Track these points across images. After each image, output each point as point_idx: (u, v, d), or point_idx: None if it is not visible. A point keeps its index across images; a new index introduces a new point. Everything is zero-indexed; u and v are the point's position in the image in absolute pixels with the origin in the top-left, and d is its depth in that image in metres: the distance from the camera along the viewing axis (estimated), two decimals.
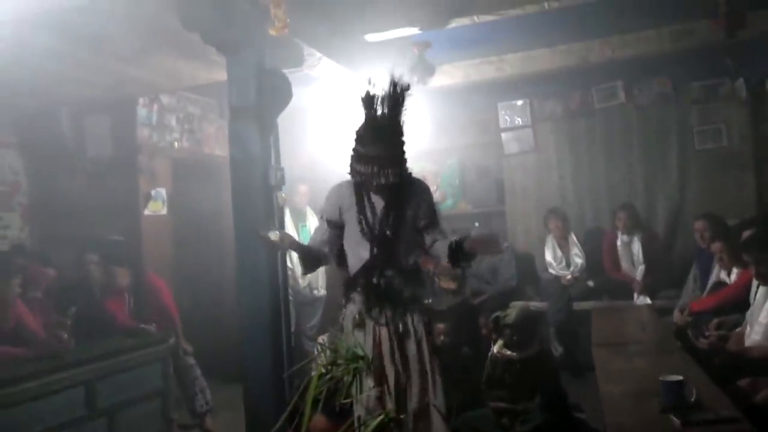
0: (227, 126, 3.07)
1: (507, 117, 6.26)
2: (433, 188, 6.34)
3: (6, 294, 3.58)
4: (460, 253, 2.46)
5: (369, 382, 1.34)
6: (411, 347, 2.51)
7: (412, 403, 2.43)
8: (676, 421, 2.12)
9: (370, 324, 2.48)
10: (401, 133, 2.60)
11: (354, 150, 2.56)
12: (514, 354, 3.95)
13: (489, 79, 5.19)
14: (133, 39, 3.18)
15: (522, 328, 3.96)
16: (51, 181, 4.83)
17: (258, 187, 2.89)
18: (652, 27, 4.62)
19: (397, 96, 2.52)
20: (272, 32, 2.63)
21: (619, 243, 5.45)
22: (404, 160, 2.60)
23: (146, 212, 4.85)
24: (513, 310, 4.09)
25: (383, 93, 2.52)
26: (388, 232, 2.55)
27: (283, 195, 3.02)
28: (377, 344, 2.43)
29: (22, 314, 3.64)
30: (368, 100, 2.53)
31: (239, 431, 3.16)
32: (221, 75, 3.27)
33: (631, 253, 5.40)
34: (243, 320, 2.98)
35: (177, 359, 4.41)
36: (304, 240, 5.29)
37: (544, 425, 3.68)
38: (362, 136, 2.54)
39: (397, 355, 2.43)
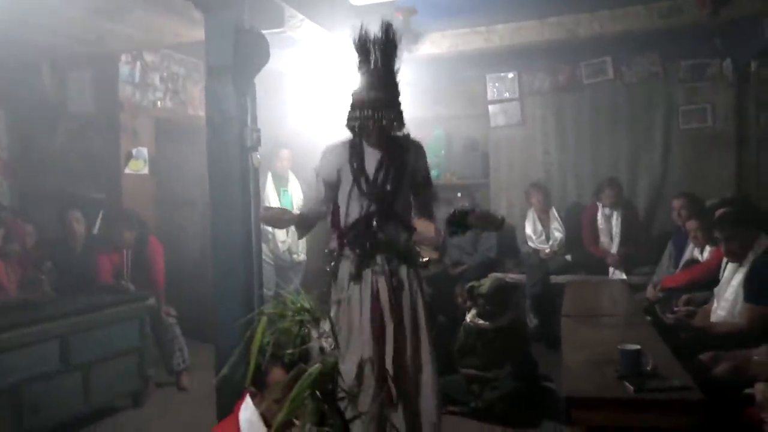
0: None
1: (495, 89, 6.25)
2: None
3: None
4: (460, 223, 2.54)
5: (314, 334, 1.38)
6: (405, 299, 2.56)
7: (407, 355, 2.51)
8: (629, 387, 2.18)
9: (368, 276, 2.54)
10: (395, 78, 2.60)
11: (351, 99, 2.57)
12: (487, 323, 4.02)
13: (477, 49, 5.14)
14: None
15: (495, 299, 4.03)
16: (31, 136, 4.78)
17: (233, 148, 2.88)
18: (641, 2, 4.58)
19: (390, 40, 2.54)
20: None
21: (599, 216, 5.49)
22: (400, 106, 2.61)
23: (127, 171, 4.82)
24: (487, 281, 4.16)
25: (376, 38, 2.53)
26: (387, 186, 2.57)
27: (258, 156, 3.02)
28: (375, 296, 2.52)
29: None
30: (362, 45, 2.54)
31: (213, 390, 3.22)
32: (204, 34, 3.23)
33: (611, 227, 5.45)
34: (216, 281, 3.00)
35: (157, 318, 4.45)
36: (286, 204, 5.38)
37: (512, 393, 3.78)
38: (357, 83, 2.55)
39: (394, 307, 2.51)
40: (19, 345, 3.26)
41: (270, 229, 5.42)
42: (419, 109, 6.09)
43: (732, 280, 3.38)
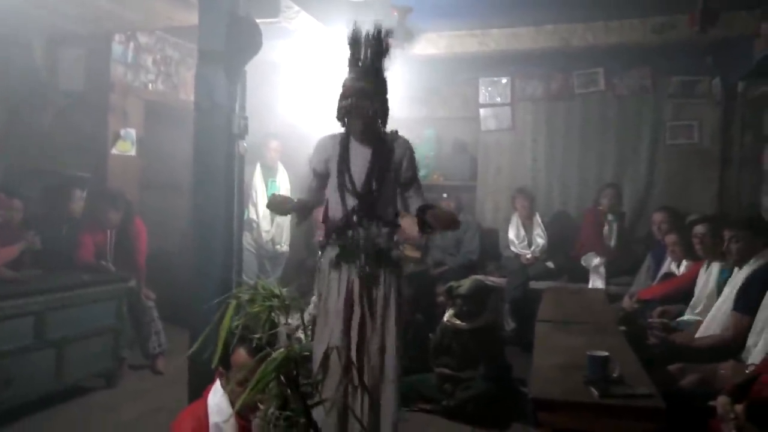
0: None
1: (487, 93, 6.29)
2: None
3: None
4: (422, 221, 2.61)
5: (281, 320, 1.41)
6: (379, 293, 2.62)
7: (372, 346, 2.58)
8: (595, 392, 2.22)
9: (345, 267, 2.62)
10: (383, 74, 2.67)
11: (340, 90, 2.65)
12: (463, 324, 4.06)
13: (472, 52, 5.18)
14: None
15: (472, 300, 4.07)
16: (19, 112, 4.74)
17: (220, 134, 2.89)
18: (636, 16, 4.64)
19: (380, 40, 2.63)
20: None
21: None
22: (386, 101, 2.68)
23: (114, 152, 4.81)
24: (467, 281, 4.19)
25: (368, 36, 2.62)
26: (372, 183, 2.63)
27: (245, 144, 3.03)
28: (349, 288, 2.60)
29: None
30: (354, 41, 2.62)
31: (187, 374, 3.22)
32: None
33: (612, 231, 5.48)
34: (195, 265, 3.00)
35: (135, 300, 4.44)
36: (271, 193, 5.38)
37: (484, 394, 3.81)
38: (347, 75, 2.64)
39: (365, 300, 2.58)
40: None
41: (255, 218, 5.45)
42: (412, 109, 6.16)
43: (724, 289, 3.41)
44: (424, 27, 4.79)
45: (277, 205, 2.84)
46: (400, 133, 2.79)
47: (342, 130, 2.74)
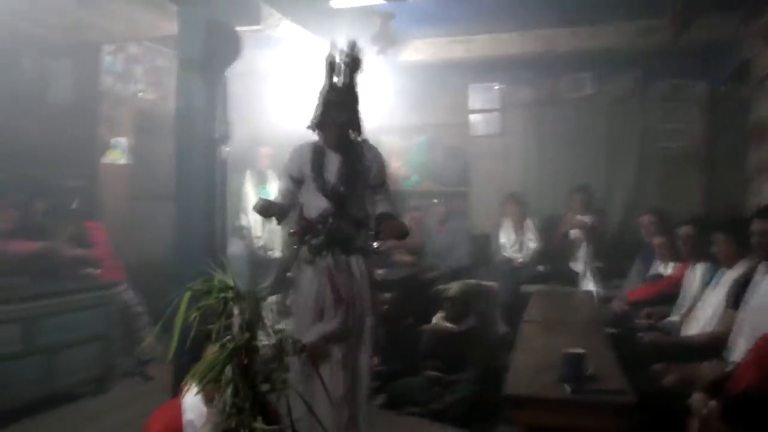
0: None
1: (477, 99, 6.32)
2: (399, 164, 6.50)
3: None
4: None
5: (235, 311, 1.45)
6: (354, 285, 2.83)
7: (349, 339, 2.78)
8: (567, 389, 2.24)
9: (320, 262, 2.81)
10: (355, 88, 2.86)
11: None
12: (452, 326, 4.08)
13: (458, 58, 5.23)
14: None
15: (461, 303, 4.10)
16: (10, 122, 4.78)
17: (200, 140, 2.93)
18: (621, 20, 4.67)
19: (354, 56, 2.80)
20: None
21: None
22: (358, 113, 2.88)
23: (104, 161, 4.85)
24: (456, 284, 4.23)
25: (342, 56, 2.79)
26: (341, 188, 2.83)
27: (227, 149, 3.07)
28: (323, 282, 2.80)
29: None
30: (329, 62, 2.80)
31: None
32: None
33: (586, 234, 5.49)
34: (176, 273, 3.04)
35: (125, 307, 4.47)
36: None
37: (471, 396, 3.82)
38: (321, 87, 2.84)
39: (335, 292, 2.77)
40: None
41: (246, 224, 5.49)
42: (404, 117, 6.22)
43: (717, 288, 3.43)
44: (409, 33, 4.84)
45: (262, 208, 2.95)
46: (369, 141, 2.98)
47: (315, 138, 2.93)
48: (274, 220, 2.95)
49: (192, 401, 1.98)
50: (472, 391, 3.84)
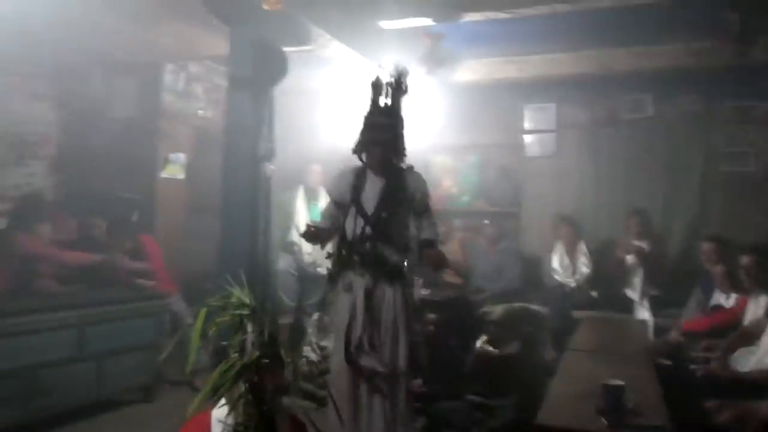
0: None
1: (532, 119, 6.23)
2: (450, 184, 6.47)
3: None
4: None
5: (249, 328, 1.46)
6: (387, 311, 2.79)
7: (380, 364, 2.75)
8: (603, 422, 2.14)
9: (357, 286, 2.81)
10: (399, 113, 2.89)
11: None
12: (495, 350, 4.00)
13: (511, 78, 5.19)
14: (150, 3, 3.33)
15: (504, 327, 4.02)
16: (78, 136, 5.05)
17: (246, 157, 3.00)
18: (678, 41, 4.53)
19: (399, 81, 2.84)
20: (265, 6, 2.74)
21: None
22: (402, 139, 2.89)
23: (163, 175, 5.03)
24: (499, 307, 4.15)
25: (388, 80, 2.83)
26: (383, 214, 2.83)
27: (272, 167, 3.12)
28: (358, 306, 2.79)
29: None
30: (375, 85, 2.85)
31: None
32: None
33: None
34: (220, 286, 3.09)
35: (175, 318, 4.59)
36: (314, 218, 5.50)
37: (512, 423, 3.72)
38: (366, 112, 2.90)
39: (367, 318, 2.76)
40: (37, 330, 3.43)
41: (296, 240, 5.56)
42: (456, 136, 6.20)
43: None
44: (461, 54, 4.83)
45: (311, 237, 3.01)
46: (414, 168, 2.99)
47: (359, 163, 2.96)
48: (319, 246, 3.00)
49: (219, 415, 1.99)
50: (513, 417, 3.74)
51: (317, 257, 5.53)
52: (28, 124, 4.77)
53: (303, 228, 5.38)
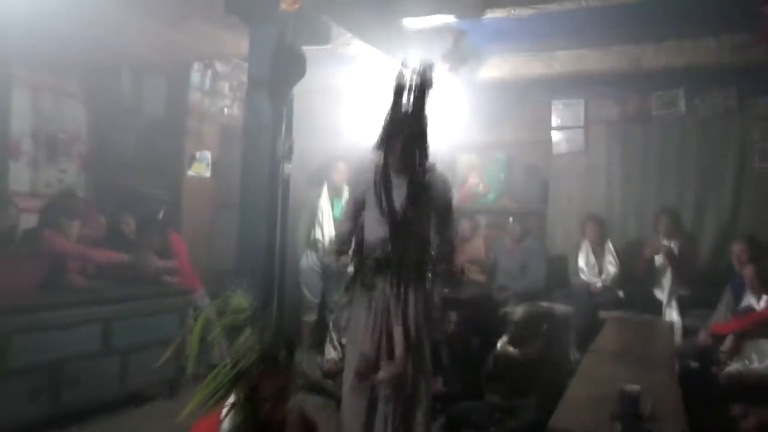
0: None
1: (560, 116, 6.13)
2: (476, 181, 6.43)
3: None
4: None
5: (247, 332, 1.47)
6: (409, 314, 2.75)
7: (395, 366, 2.69)
8: (618, 427, 2.11)
9: (376, 287, 2.77)
10: (423, 111, 2.78)
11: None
12: (516, 351, 3.95)
13: (537, 74, 5.10)
14: (174, 3, 3.37)
15: (526, 327, 3.96)
16: (108, 134, 5.16)
17: (264, 157, 3.02)
18: (710, 35, 4.40)
19: (423, 78, 2.74)
20: (283, 6, 2.75)
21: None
22: (425, 139, 2.80)
23: (190, 173, 5.10)
24: (521, 307, 4.09)
25: (411, 80, 2.73)
26: (405, 213, 2.77)
27: (290, 166, 3.14)
28: (374, 308, 2.76)
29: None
30: (398, 83, 2.76)
31: None
32: None
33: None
34: (237, 284, 3.12)
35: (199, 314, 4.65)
36: (337, 215, 5.52)
37: (531, 424, 3.67)
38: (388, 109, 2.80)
39: (386, 320, 2.73)
40: (65, 324, 3.52)
41: (320, 238, 5.59)
42: (482, 133, 6.14)
43: None
44: (485, 50, 4.78)
45: (338, 253, 3.03)
46: (437, 168, 2.91)
47: (382, 162, 2.86)
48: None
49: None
50: (534, 418, 3.69)
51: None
52: (59, 122, 4.89)
53: (327, 225, 5.52)
